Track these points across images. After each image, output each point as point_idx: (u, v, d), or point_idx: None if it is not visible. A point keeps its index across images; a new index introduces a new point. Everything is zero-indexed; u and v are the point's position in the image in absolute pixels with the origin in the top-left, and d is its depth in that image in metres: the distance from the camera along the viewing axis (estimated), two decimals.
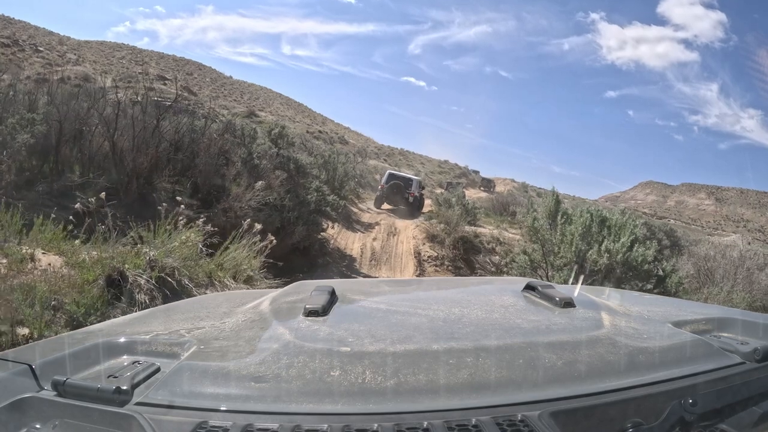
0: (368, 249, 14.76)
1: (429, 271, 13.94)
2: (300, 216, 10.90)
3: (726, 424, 0.79)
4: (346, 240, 15.25)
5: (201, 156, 8.85)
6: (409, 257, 14.52)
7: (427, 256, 14.69)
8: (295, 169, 12.13)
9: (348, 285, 1.56)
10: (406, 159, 36.46)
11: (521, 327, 1.07)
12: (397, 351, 0.90)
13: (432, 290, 1.63)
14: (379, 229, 16.82)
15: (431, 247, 15.17)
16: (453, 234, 15.41)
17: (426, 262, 14.39)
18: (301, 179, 12.20)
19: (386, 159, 31.80)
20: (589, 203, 34.31)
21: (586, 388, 0.81)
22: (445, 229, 15.63)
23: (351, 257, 14.01)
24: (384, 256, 14.50)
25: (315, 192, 12.30)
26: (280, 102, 47.06)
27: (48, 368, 0.84)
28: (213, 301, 1.42)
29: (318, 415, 0.72)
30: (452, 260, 14.78)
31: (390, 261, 14.30)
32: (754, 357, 0.93)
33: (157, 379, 0.82)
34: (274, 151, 11.83)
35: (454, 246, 15.13)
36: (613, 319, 1.14)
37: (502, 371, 0.85)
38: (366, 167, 28.93)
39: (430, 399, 0.77)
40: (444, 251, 15.00)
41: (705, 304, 3.05)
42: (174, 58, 64.49)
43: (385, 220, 17.98)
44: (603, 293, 1.55)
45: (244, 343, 0.96)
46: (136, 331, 1.07)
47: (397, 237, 16.06)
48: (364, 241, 15.43)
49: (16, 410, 0.74)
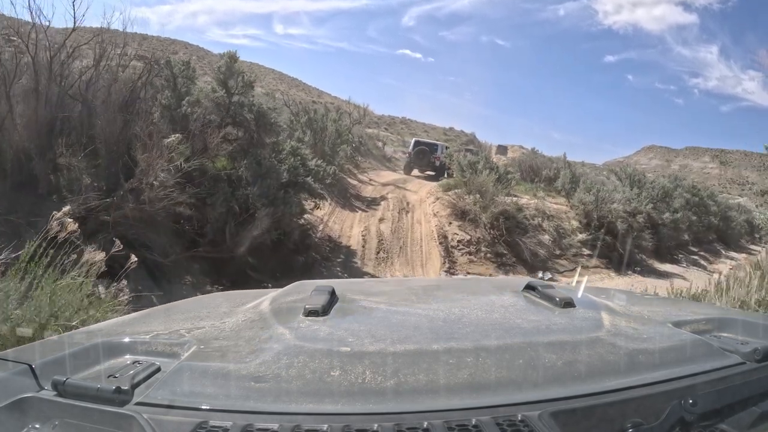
0: (373, 235, 10.98)
1: (461, 263, 10.47)
2: (264, 193, 7.35)
3: (726, 424, 0.79)
4: (342, 223, 11.50)
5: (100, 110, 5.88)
6: (432, 243, 10.93)
7: (457, 240, 11.01)
8: (254, 121, 8.13)
9: (348, 285, 1.57)
10: (409, 128, 34.57)
11: (521, 327, 1.07)
12: (397, 351, 0.90)
13: (432, 290, 1.63)
14: (387, 205, 13.11)
15: (460, 228, 11.41)
16: (490, 208, 11.54)
17: (456, 250, 10.80)
18: (266, 137, 8.40)
19: (387, 128, 30.21)
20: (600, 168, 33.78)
21: (586, 388, 0.81)
22: (479, 201, 11.79)
23: (348, 249, 10.32)
24: (396, 244, 10.84)
25: (290, 156, 8.55)
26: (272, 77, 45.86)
27: (48, 368, 0.84)
28: (213, 301, 1.42)
29: (318, 415, 0.72)
30: (491, 244, 11.15)
31: (405, 251, 10.65)
32: (754, 357, 0.93)
33: (157, 379, 0.82)
34: (219, 95, 7.89)
35: (492, 225, 11.40)
36: (613, 319, 1.14)
37: (502, 371, 0.85)
38: (366, 133, 25.06)
39: (430, 399, 0.77)
40: (478, 232, 11.32)
41: (705, 304, 3.08)
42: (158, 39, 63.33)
43: (393, 192, 14.50)
44: (603, 293, 1.55)
45: (244, 343, 0.96)
46: (136, 331, 1.08)
47: (412, 215, 12.52)
48: (366, 223, 11.63)
49: (16, 410, 0.74)
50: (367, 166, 19.97)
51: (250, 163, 7.56)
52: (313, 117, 15.88)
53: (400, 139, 30.08)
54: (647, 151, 37.56)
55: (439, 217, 11.99)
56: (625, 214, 13.16)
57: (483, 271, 10.34)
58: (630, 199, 13.96)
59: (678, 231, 15.36)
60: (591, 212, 13.27)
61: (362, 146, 22.20)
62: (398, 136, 30.36)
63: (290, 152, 8.71)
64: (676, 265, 14.45)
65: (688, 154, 59.18)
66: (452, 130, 38.10)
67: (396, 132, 31.95)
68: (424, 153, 18.66)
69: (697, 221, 16.93)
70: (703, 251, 17.07)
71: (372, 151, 23.52)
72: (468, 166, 13.01)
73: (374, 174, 18.34)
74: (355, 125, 18.64)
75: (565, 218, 13.45)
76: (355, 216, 12.31)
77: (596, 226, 12.94)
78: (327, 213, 11.56)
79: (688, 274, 13.36)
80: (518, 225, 11.77)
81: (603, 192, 13.63)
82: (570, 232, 12.91)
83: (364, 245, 10.54)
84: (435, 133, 32.70)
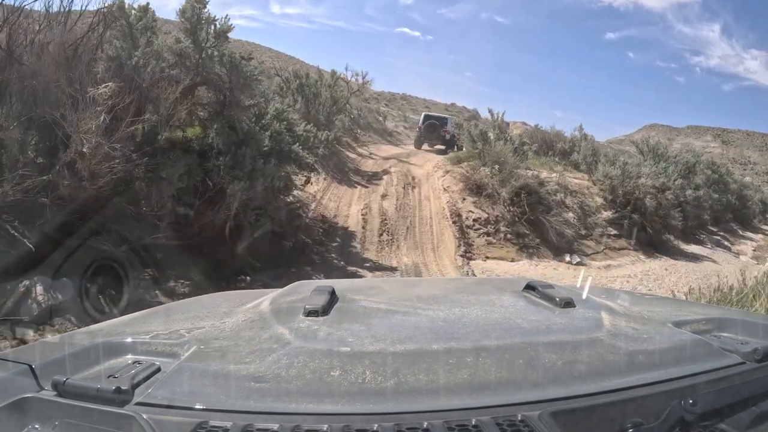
0: (375, 214, 9.64)
1: (478, 246, 9.37)
2: (239, 164, 6.01)
3: (726, 424, 0.79)
4: (338, 201, 10.16)
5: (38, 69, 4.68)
6: (444, 223, 9.68)
7: (473, 219, 9.83)
8: (227, 75, 6.36)
9: (348, 285, 1.57)
10: (409, 104, 32.88)
11: (521, 327, 1.07)
12: (397, 351, 0.90)
13: (432, 290, 1.64)
14: (390, 180, 11.82)
15: (476, 205, 10.19)
16: (510, 181, 10.25)
17: (471, 230, 9.62)
18: (243, 97, 6.66)
19: (387, 104, 29.11)
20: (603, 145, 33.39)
21: (586, 388, 0.81)
22: (496, 173, 10.48)
23: (346, 231, 8.98)
24: (402, 224, 9.52)
25: (274, 121, 7.10)
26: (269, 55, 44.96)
27: (48, 368, 0.84)
28: (213, 301, 1.43)
29: (318, 415, 0.72)
30: (511, 223, 9.96)
31: (413, 233, 9.35)
32: (754, 357, 0.93)
33: (158, 379, 0.82)
34: (184, 46, 6.20)
35: (512, 201, 10.18)
36: (613, 319, 1.14)
37: (502, 371, 0.85)
38: (365, 106, 23.15)
39: (430, 399, 0.77)
40: (497, 210, 10.12)
41: (705, 304, 3.09)
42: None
43: (396, 166, 13.20)
44: (604, 293, 1.55)
45: (244, 343, 0.96)
46: (136, 331, 1.08)
47: (419, 190, 11.26)
48: (367, 200, 10.33)
49: (16, 410, 0.74)
50: (367, 139, 18.72)
51: (222, 128, 6.12)
52: (305, 82, 13.98)
53: (401, 115, 28.48)
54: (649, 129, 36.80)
55: (451, 192, 10.65)
56: (654, 190, 12.16)
57: (504, 254, 9.37)
58: (657, 174, 12.99)
59: (701, 209, 14.54)
60: (616, 188, 12.21)
61: (361, 119, 20.71)
62: (399, 111, 29.15)
63: (274, 116, 7.23)
64: (702, 246, 13.77)
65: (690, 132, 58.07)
66: (454, 106, 37.12)
67: (397, 108, 30.55)
68: (434, 127, 18.61)
69: (717, 200, 16.20)
70: (722, 231, 16.30)
71: (372, 124, 22.03)
72: (479, 136, 11.80)
73: (375, 148, 17.21)
74: (353, 95, 17.11)
75: (588, 194, 12.31)
76: (353, 192, 10.88)
77: (622, 203, 11.99)
78: (321, 189, 10.24)
79: (715, 256, 12.87)
80: (541, 201, 10.48)
81: (630, 165, 12.62)
82: (594, 210, 11.90)
83: (364, 226, 9.19)
84: (437, 109, 31.64)
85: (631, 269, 10.15)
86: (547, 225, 10.09)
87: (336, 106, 14.39)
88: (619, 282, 8.84)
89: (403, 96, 35.14)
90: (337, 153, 13.17)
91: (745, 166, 56.57)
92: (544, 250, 9.94)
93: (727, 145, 60.32)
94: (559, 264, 9.64)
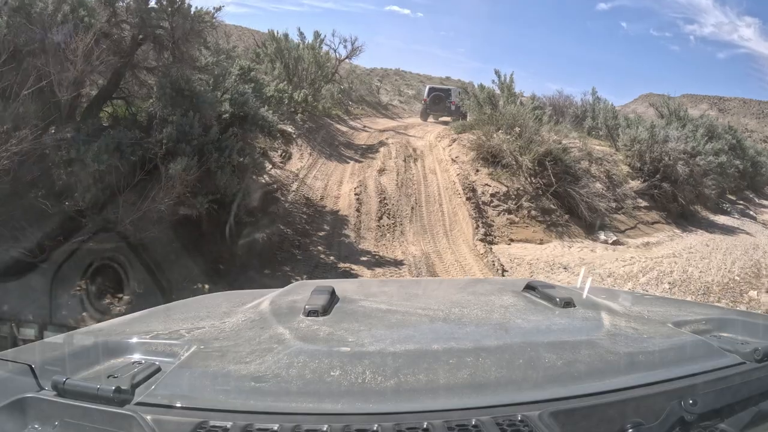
0: (371, 192, 8.13)
1: (499, 226, 7.94)
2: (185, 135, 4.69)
3: (726, 423, 0.79)
4: (327, 179, 8.61)
5: None
6: (456, 200, 8.18)
7: (490, 194, 8.39)
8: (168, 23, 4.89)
9: (348, 285, 1.58)
10: (404, 79, 31.88)
11: (521, 327, 1.08)
12: (397, 351, 0.90)
13: (432, 290, 1.64)
14: (388, 152, 10.20)
15: (492, 177, 8.75)
16: (533, 147, 8.79)
17: (490, 207, 8.21)
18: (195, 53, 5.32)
19: (380, 80, 28.63)
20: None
21: (586, 388, 0.81)
22: (515, 139, 9.04)
23: (336, 216, 7.41)
24: (405, 203, 8.02)
25: (236, 80, 5.76)
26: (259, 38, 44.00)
27: (48, 368, 0.84)
28: (213, 301, 1.43)
29: (318, 415, 0.73)
30: (534, 197, 8.53)
31: (419, 214, 7.85)
32: (754, 357, 0.93)
33: (157, 379, 0.82)
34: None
35: (534, 171, 8.74)
36: (613, 319, 1.14)
37: (502, 371, 0.85)
38: (357, 76, 21.47)
39: (430, 399, 0.77)
40: (516, 182, 8.67)
41: (705, 305, 3.08)
42: None
43: (393, 138, 11.73)
44: (604, 293, 1.54)
45: (244, 342, 0.96)
46: (136, 331, 1.08)
47: (422, 162, 9.73)
48: (361, 176, 8.76)
49: (17, 410, 0.75)
50: (360, 113, 17.41)
51: (162, 90, 4.71)
52: (285, 45, 12.06)
53: (395, 89, 27.50)
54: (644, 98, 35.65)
55: (461, 163, 9.19)
56: (684, 155, 11.00)
57: (530, 235, 8.03)
58: (686, 138, 11.77)
59: (725, 177, 13.09)
60: (643, 153, 11.02)
61: (353, 91, 19.39)
62: (393, 86, 28.11)
63: (239, 76, 5.82)
64: (728, 216, 12.77)
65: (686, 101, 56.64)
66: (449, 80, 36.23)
67: (390, 83, 30.01)
68: (439, 98, 18.67)
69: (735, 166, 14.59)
70: (741, 200, 15.34)
71: (365, 97, 20.74)
72: (486, 100, 10.49)
73: (369, 121, 15.79)
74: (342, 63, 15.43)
75: (612, 162, 11.08)
76: (345, 168, 9.36)
77: (650, 171, 10.87)
78: (305, 167, 8.69)
79: (745, 226, 11.93)
80: (567, 171, 9.08)
81: (657, 128, 11.39)
82: (622, 180, 10.80)
83: (359, 208, 7.64)
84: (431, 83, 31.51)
85: (672, 246, 9.13)
86: (577, 198, 8.66)
87: (321, 72, 12.68)
88: (667, 264, 7.68)
89: (397, 71, 34.16)
90: (325, 126, 11.86)
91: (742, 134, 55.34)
92: (574, 227, 8.62)
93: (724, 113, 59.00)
94: (595, 244, 8.35)
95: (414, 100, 25.22)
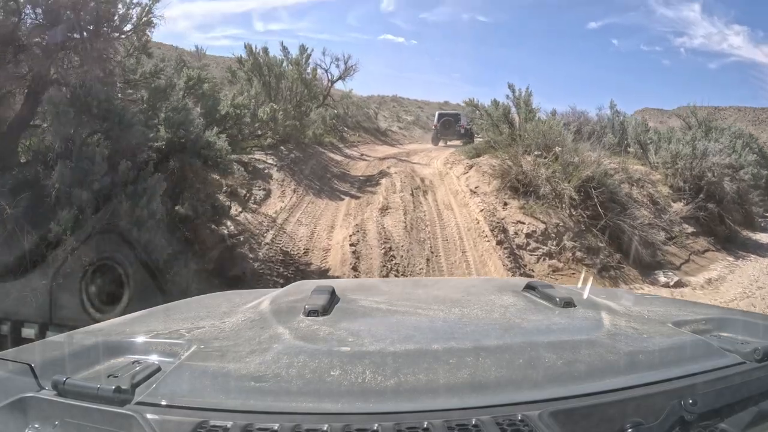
0: (372, 241, 6.25)
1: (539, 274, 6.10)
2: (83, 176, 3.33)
3: (726, 423, 0.79)
4: (314, 224, 6.91)
5: None
6: (483, 244, 6.43)
7: (525, 233, 6.65)
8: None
9: (348, 285, 1.58)
10: (401, 105, 31.59)
11: (521, 327, 1.08)
12: (397, 351, 0.90)
13: (432, 290, 1.63)
14: (391, 185, 8.63)
15: (524, 211, 7.02)
16: (573, 172, 7.24)
17: (526, 251, 6.47)
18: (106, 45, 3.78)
19: (377, 107, 28.46)
20: None
21: (586, 387, 0.81)
22: (551, 162, 7.50)
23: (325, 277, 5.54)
24: (418, 253, 6.21)
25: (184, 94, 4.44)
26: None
27: (48, 368, 0.84)
28: (213, 301, 1.43)
29: (318, 414, 0.73)
30: (578, 235, 6.84)
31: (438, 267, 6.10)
32: (754, 357, 0.93)
33: (158, 378, 0.82)
34: None
35: (579, 201, 7.11)
36: (614, 318, 1.14)
37: (502, 371, 0.85)
38: (352, 101, 19.92)
39: (430, 399, 0.77)
40: (555, 216, 6.95)
41: (705, 304, 3.01)
42: None
43: (396, 166, 10.29)
44: (603, 293, 1.53)
45: (244, 342, 0.97)
46: (136, 331, 1.08)
47: (434, 195, 8.14)
48: (359, 218, 6.98)
49: (17, 410, 0.75)
50: (357, 139, 16.21)
51: (54, 106, 3.36)
52: (265, 61, 10.14)
53: (394, 115, 27.04)
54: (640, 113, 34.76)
55: (482, 195, 7.49)
56: (729, 170, 9.74)
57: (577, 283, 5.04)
58: (728, 151, 10.40)
59: (760, 189, 11.45)
60: (684, 171, 9.64)
61: (349, 117, 17.91)
62: (391, 112, 27.75)
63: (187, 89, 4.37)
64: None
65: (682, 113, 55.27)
66: (447, 104, 36.07)
67: (388, 110, 29.82)
68: (449, 123, 18.99)
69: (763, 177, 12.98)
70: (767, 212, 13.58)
71: (362, 123, 19.59)
72: (502, 118, 9.30)
73: (367, 149, 14.56)
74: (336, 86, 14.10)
75: (650, 183, 9.55)
76: (338, 207, 7.67)
77: (692, 190, 9.36)
78: (286, 207, 6.99)
79: None
80: (612, 198, 7.43)
81: (699, 142, 9.99)
82: (664, 203, 9.36)
83: (355, 265, 5.72)
84: (430, 108, 30.47)
85: (737, 281, 7.57)
86: (629, 231, 7.05)
87: (309, 92, 11.01)
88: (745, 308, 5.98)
89: (394, 98, 34.06)
90: (315, 155, 10.50)
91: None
92: (627, 269, 7.00)
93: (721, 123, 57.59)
94: (655, 289, 6.73)
95: (413, 125, 25.29)
